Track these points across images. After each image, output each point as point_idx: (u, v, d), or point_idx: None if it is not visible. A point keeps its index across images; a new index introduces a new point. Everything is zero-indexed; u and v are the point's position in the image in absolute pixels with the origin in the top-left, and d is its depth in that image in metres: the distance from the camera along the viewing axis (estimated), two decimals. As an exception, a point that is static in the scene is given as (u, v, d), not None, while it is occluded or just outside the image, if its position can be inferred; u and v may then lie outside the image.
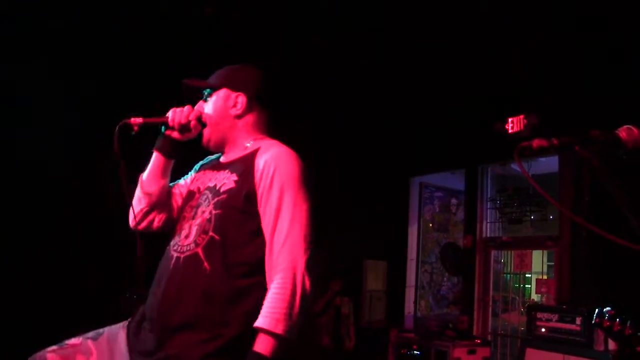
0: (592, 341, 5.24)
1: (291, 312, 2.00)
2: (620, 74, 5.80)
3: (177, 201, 2.49)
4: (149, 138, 2.45)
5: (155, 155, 2.42)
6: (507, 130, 7.01)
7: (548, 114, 6.62)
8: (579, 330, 5.33)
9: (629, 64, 5.70)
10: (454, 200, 9.75)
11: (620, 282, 5.53)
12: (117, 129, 2.25)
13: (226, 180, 2.25)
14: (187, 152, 2.51)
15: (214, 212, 2.18)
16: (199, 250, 2.14)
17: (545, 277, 7.96)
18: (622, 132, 1.72)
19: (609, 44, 5.82)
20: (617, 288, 5.56)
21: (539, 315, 5.77)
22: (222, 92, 2.43)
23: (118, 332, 2.31)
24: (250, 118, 2.44)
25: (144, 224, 2.43)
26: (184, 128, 2.37)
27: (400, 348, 7.48)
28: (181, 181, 2.57)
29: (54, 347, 2.27)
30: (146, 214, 2.43)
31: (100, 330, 2.35)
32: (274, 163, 2.20)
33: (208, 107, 2.44)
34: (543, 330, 5.67)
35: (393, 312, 8.94)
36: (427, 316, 9.10)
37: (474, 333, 7.68)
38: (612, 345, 5.10)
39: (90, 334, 2.34)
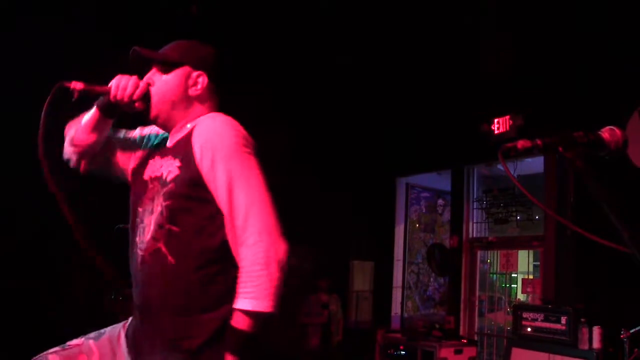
0: (577, 340, 5.27)
1: (269, 286, 1.92)
2: (605, 75, 5.84)
3: (122, 157, 2.38)
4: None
5: (93, 109, 2.27)
6: (493, 131, 7.05)
7: (534, 114, 6.66)
8: (564, 330, 5.37)
9: (613, 65, 5.75)
10: (440, 201, 9.78)
11: (604, 282, 5.58)
12: (53, 90, 2.10)
13: (171, 167, 2.12)
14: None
15: (164, 204, 2.08)
16: (161, 245, 2.07)
17: (531, 276, 7.99)
18: (605, 133, 1.73)
19: (595, 46, 5.86)
20: (601, 288, 5.61)
21: (525, 314, 5.80)
22: (183, 70, 2.24)
23: (119, 331, 2.29)
24: (206, 99, 2.28)
25: (77, 166, 2.37)
26: (126, 105, 2.19)
27: (387, 348, 7.49)
28: (129, 135, 2.45)
29: (56, 349, 2.24)
30: (77, 160, 2.36)
31: (102, 330, 2.32)
32: (209, 138, 2.05)
33: (162, 83, 2.23)
34: (529, 329, 5.70)
35: (380, 312, 8.96)
36: (414, 316, 9.13)
37: (461, 333, 7.71)
38: (596, 344, 5.14)
39: (92, 334, 2.31)
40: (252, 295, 1.92)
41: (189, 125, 2.22)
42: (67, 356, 2.21)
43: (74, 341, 2.28)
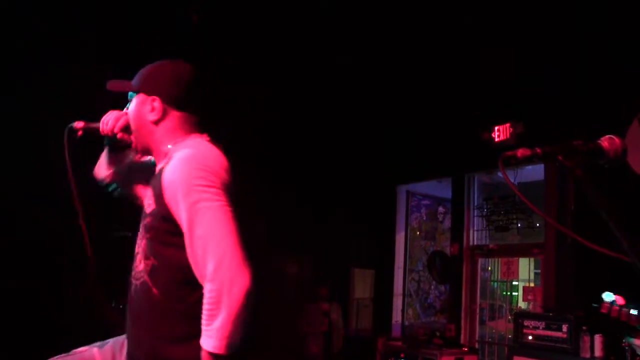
0: (578, 348, 5.27)
1: (222, 326, 1.88)
2: (605, 83, 5.85)
3: (142, 183, 2.48)
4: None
5: (105, 149, 2.51)
6: (494, 138, 7.06)
7: (534, 122, 6.67)
8: (565, 338, 5.37)
9: (614, 73, 5.76)
10: (440, 209, 9.78)
11: (605, 290, 5.56)
12: (66, 132, 2.33)
13: (150, 200, 2.16)
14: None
15: (146, 236, 2.13)
16: (146, 277, 2.10)
17: (532, 284, 7.98)
18: (604, 141, 1.74)
19: (595, 53, 5.87)
20: (602, 295, 5.59)
21: (526, 322, 5.80)
22: (140, 97, 2.29)
23: (122, 341, 2.32)
24: (168, 122, 2.26)
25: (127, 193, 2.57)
26: (113, 139, 2.37)
27: (388, 356, 7.49)
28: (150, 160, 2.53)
29: (62, 355, 2.30)
30: (112, 186, 2.56)
31: (107, 340, 2.37)
32: (172, 178, 2.05)
33: (129, 113, 2.34)
34: (530, 337, 5.70)
35: (380, 320, 8.95)
36: (415, 324, 9.11)
37: (461, 341, 7.70)
38: (598, 352, 5.13)
39: (97, 343, 2.36)
40: (208, 334, 1.91)
41: (168, 149, 2.25)
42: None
43: (80, 349, 2.33)
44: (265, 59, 6.64)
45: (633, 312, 2.72)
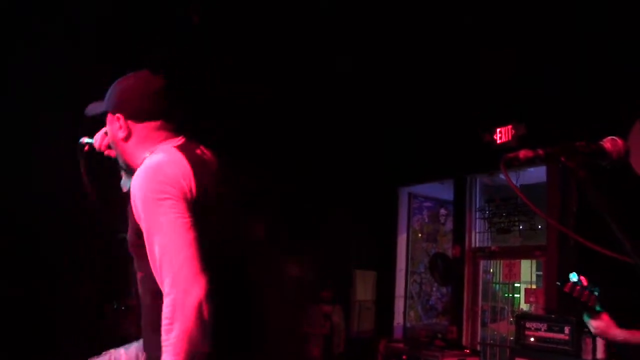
0: (580, 350, 5.26)
1: (176, 342, 1.87)
2: (607, 85, 5.84)
3: None
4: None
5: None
6: (495, 140, 7.05)
7: (536, 124, 6.66)
8: (567, 340, 5.35)
9: (615, 74, 5.75)
10: (442, 211, 9.77)
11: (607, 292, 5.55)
12: (78, 151, 2.50)
13: (129, 216, 2.16)
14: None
15: (130, 250, 2.17)
16: (140, 288, 2.16)
17: (533, 286, 7.97)
18: (607, 143, 1.74)
19: (597, 54, 5.87)
20: (604, 297, 5.58)
21: (528, 324, 5.78)
22: (108, 117, 2.32)
23: None
24: (135, 137, 2.26)
25: None
26: (105, 155, 2.48)
27: (389, 358, 7.48)
28: None
29: (93, 358, 2.38)
30: None
31: (133, 342, 2.41)
32: (133, 191, 2.05)
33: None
34: (532, 339, 5.69)
35: (382, 322, 8.94)
36: (416, 326, 9.10)
37: (463, 343, 7.69)
38: (600, 354, 5.12)
39: (126, 345, 2.42)
40: (166, 349, 1.90)
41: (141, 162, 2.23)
42: None
43: (109, 351, 2.41)
44: (266, 59, 6.64)
45: (595, 293, 2.76)
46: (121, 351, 2.40)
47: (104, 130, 2.43)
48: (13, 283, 5.71)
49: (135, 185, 2.05)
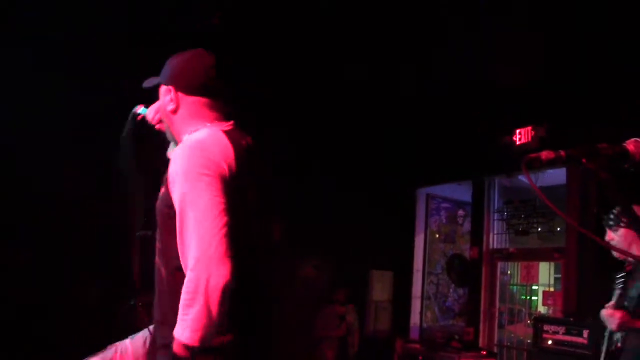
0: (599, 354, 5.21)
1: (196, 318, 1.87)
2: (630, 86, 5.79)
3: None
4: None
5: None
6: (515, 141, 7.01)
7: (555, 125, 6.62)
8: (585, 344, 5.31)
9: (637, 74, 5.70)
10: (460, 212, 9.74)
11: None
12: (130, 116, 2.52)
13: (162, 186, 2.19)
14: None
15: (157, 219, 2.18)
16: (157, 259, 2.16)
17: (551, 289, 7.93)
18: (630, 144, 1.72)
19: (620, 56, 5.82)
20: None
21: (546, 327, 5.75)
22: (162, 89, 2.34)
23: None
24: (183, 110, 2.29)
25: None
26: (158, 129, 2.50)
27: (405, 359, 7.46)
28: None
29: (97, 353, 2.42)
30: None
31: (137, 333, 2.48)
32: (173, 164, 2.07)
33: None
34: (549, 342, 5.65)
35: (399, 322, 8.93)
36: (433, 327, 9.08)
37: (480, 344, 7.66)
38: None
39: (131, 336, 2.47)
40: (183, 324, 1.90)
41: (185, 138, 2.25)
42: (104, 356, 2.41)
43: (116, 343, 2.47)
44: (285, 60, 6.66)
45: None
46: (127, 342, 2.44)
47: (157, 103, 2.44)
48: (25, 281, 5.75)
49: (177, 158, 2.06)
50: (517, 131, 6.99)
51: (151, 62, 2.49)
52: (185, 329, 1.87)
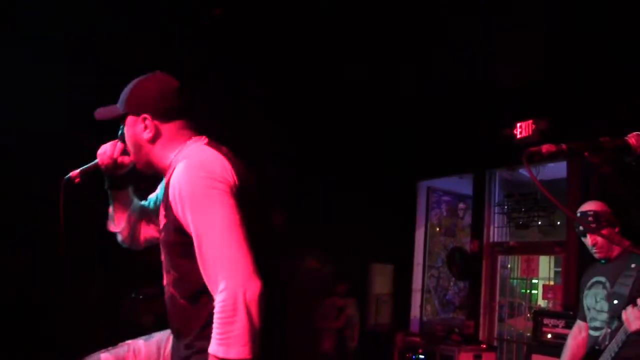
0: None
1: (241, 333, 1.88)
2: (632, 79, 5.79)
3: (154, 219, 2.49)
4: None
5: (110, 193, 2.49)
6: (516, 135, 7.01)
7: (556, 119, 6.61)
8: (585, 337, 5.31)
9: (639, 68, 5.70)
10: (461, 205, 9.74)
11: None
12: (62, 186, 2.39)
13: (161, 216, 2.19)
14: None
15: (164, 251, 2.18)
16: (172, 290, 2.15)
17: (552, 282, 7.93)
18: (632, 138, 1.72)
19: (621, 48, 5.81)
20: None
21: (546, 321, 5.76)
22: (129, 119, 2.27)
23: (168, 335, 2.37)
24: (163, 136, 2.25)
25: (135, 246, 2.58)
26: (116, 167, 2.39)
27: (406, 352, 7.48)
28: (152, 197, 2.58)
29: (109, 348, 2.39)
30: (132, 240, 2.55)
31: (153, 334, 2.44)
32: (178, 187, 2.04)
33: (125, 136, 2.33)
34: (549, 336, 5.66)
35: (399, 315, 8.95)
36: (433, 320, 9.10)
37: (480, 338, 7.67)
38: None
39: (145, 336, 2.44)
40: (225, 342, 1.90)
41: (169, 163, 2.24)
42: (116, 353, 2.36)
43: (128, 341, 2.41)
44: (284, 59, 6.66)
45: None
46: (140, 342, 2.39)
47: (107, 144, 2.41)
48: (24, 281, 5.76)
49: (181, 183, 2.03)
50: (518, 124, 6.98)
51: (150, 63, 2.47)
52: (233, 346, 1.88)
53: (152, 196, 2.57)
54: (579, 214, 3.59)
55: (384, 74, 7.20)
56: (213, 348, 1.91)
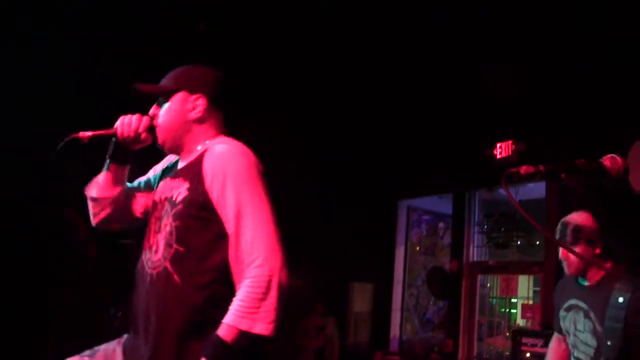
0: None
1: (271, 309, 1.95)
2: (608, 102, 5.87)
3: (140, 202, 2.45)
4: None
5: (108, 163, 2.39)
6: (496, 155, 7.07)
7: (536, 140, 6.68)
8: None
9: (615, 92, 5.78)
10: (441, 224, 9.78)
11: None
12: (62, 143, 2.27)
13: (181, 189, 2.18)
14: (144, 154, 2.44)
15: (173, 224, 2.14)
16: (167, 265, 2.11)
17: (531, 302, 7.97)
18: (606, 160, 1.76)
19: (597, 73, 5.90)
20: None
21: (524, 340, 5.80)
22: (180, 95, 2.31)
23: (113, 347, 2.30)
24: (209, 120, 2.32)
25: (102, 225, 2.45)
26: (134, 140, 2.33)
27: (385, 371, 7.47)
28: (142, 180, 2.53)
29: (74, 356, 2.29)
30: (104, 217, 2.43)
31: (97, 347, 2.34)
32: (222, 164, 2.11)
33: (163, 112, 2.33)
34: (528, 355, 5.69)
35: (378, 334, 8.93)
36: (413, 339, 9.09)
37: (459, 357, 7.68)
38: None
39: (87, 352, 2.33)
40: (251, 316, 1.93)
41: (199, 148, 2.28)
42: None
43: (71, 358, 2.28)
44: (265, 76, 6.68)
45: None
46: (85, 359, 2.31)
47: (131, 116, 2.33)
48: (10, 287, 5.71)
49: (225, 160, 2.12)
50: (498, 145, 7.05)
51: (151, 62, 2.49)
52: (259, 321, 1.94)
53: (142, 179, 2.54)
54: (560, 224, 3.46)
55: (364, 94, 7.23)
56: (234, 320, 1.94)
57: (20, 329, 5.69)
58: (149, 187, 2.50)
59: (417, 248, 9.61)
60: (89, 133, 2.31)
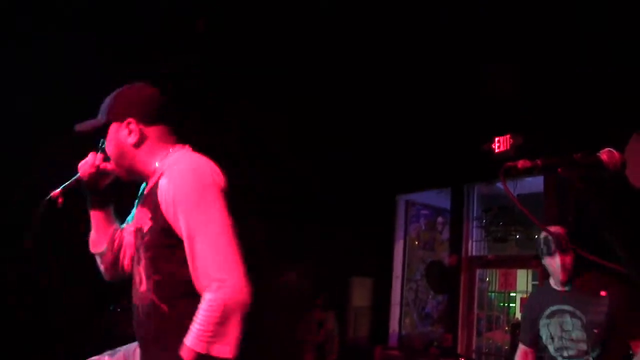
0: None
1: (233, 333, 1.92)
2: (606, 96, 5.88)
3: (130, 239, 2.46)
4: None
5: (91, 213, 2.46)
6: (494, 149, 7.07)
7: (534, 134, 6.69)
8: (562, 350, 5.35)
9: (613, 86, 5.78)
10: (440, 219, 9.79)
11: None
12: (42, 208, 2.35)
13: (145, 218, 2.18)
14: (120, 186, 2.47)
15: (146, 255, 2.15)
16: (153, 296, 2.12)
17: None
18: (604, 154, 1.76)
19: (595, 67, 5.90)
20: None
21: (523, 334, 5.79)
22: (112, 127, 2.29)
23: (134, 348, 2.34)
24: (150, 139, 2.27)
25: (117, 275, 2.50)
26: (98, 175, 2.37)
27: (385, 365, 7.48)
28: (129, 220, 2.55)
29: None
30: (114, 267, 2.49)
31: (118, 348, 2.40)
32: (170, 189, 2.06)
33: (107, 146, 2.34)
34: (527, 349, 5.69)
35: (378, 329, 8.95)
36: (412, 333, 9.11)
37: (458, 351, 7.69)
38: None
39: (109, 351, 2.39)
40: (211, 339, 1.91)
41: (157, 166, 2.25)
42: None
43: (93, 357, 2.36)
44: (263, 75, 6.69)
45: None
46: (105, 358, 2.37)
47: (86, 158, 2.40)
48: (9, 288, 5.72)
49: (176, 184, 2.06)
50: (496, 139, 7.05)
51: (151, 62, 2.49)
52: (218, 344, 1.91)
53: (129, 218, 2.56)
54: (543, 238, 3.61)
55: (362, 89, 7.23)
56: (194, 342, 1.92)
57: (20, 329, 5.71)
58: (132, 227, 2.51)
59: (416, 242, 9.62)
60: (58, 191, 2.39)
